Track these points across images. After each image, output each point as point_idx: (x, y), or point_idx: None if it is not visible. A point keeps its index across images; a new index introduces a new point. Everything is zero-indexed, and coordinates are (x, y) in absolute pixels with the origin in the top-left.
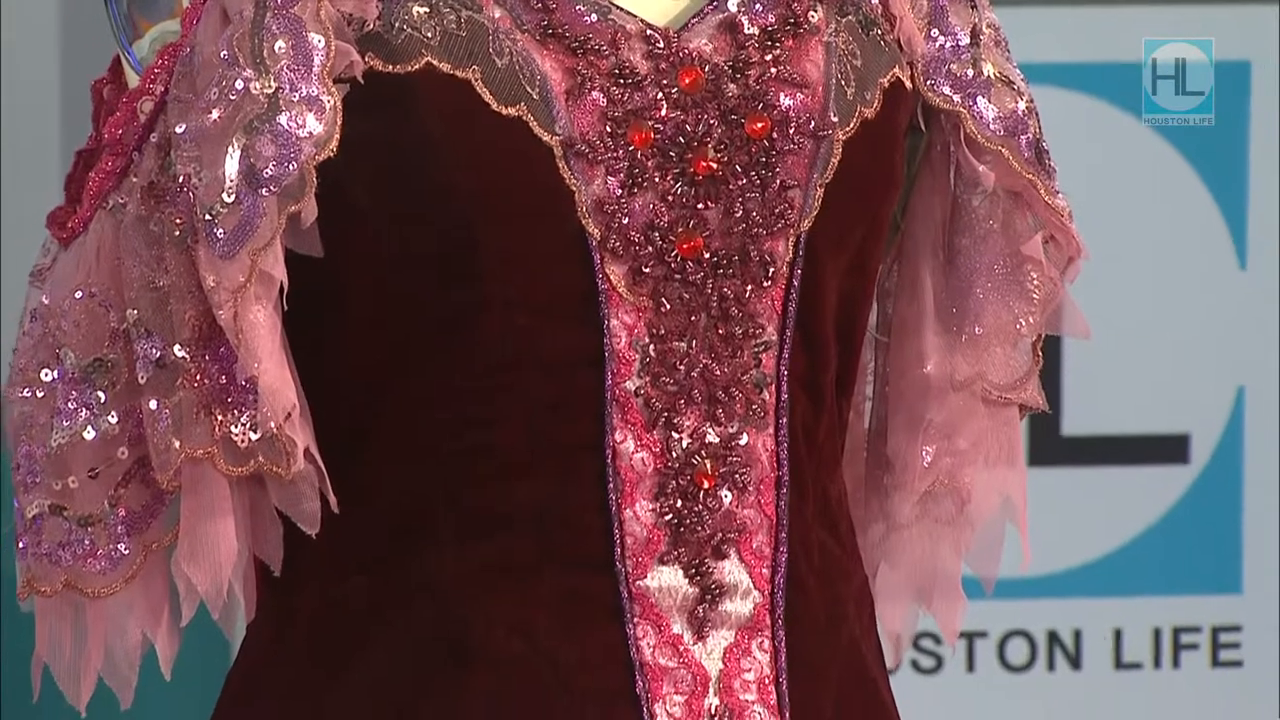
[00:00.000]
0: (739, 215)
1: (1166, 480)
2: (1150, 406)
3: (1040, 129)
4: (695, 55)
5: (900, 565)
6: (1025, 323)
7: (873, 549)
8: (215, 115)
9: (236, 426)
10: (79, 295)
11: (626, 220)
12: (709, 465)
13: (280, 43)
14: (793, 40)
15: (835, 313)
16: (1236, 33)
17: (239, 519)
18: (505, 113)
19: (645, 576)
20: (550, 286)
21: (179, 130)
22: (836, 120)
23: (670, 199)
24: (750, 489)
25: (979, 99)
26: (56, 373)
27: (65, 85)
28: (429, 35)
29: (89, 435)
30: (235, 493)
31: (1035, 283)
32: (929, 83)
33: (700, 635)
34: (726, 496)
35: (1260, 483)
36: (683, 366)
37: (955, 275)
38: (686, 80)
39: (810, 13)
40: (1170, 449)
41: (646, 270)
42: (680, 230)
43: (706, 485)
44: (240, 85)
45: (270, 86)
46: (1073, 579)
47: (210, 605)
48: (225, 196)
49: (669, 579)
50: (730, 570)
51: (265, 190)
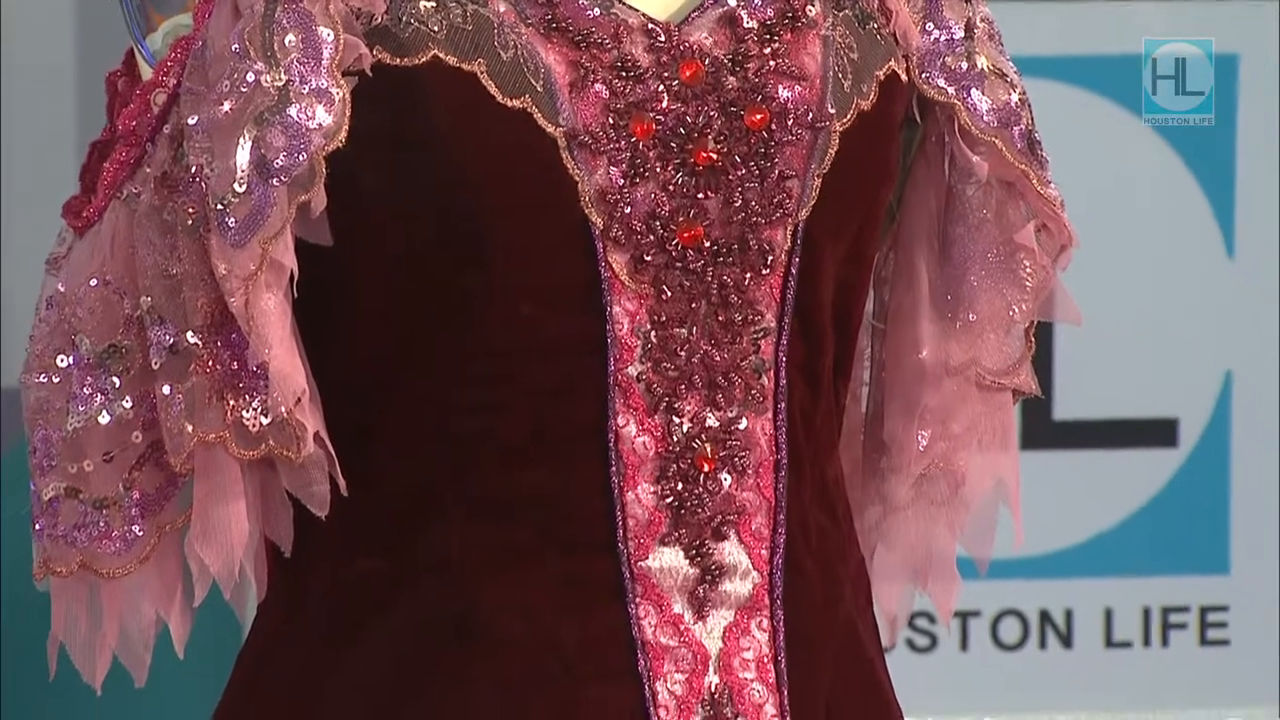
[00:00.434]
0: (738, 205)
1: (1156, 463)
2: (1140, 392)
3: (1033, 120)
4: (695, 48)
5: (896, 546)
6: (1018, 309)
7: (869, 531)
8: (227, 107)
9: (248, 411)
10: (94, 283)
11: (629, 210)
12: (709, 449)
13: (290, 36)
14: (791, 34)
15: (832, 300)
16: (1225, 26)
17: (250, 501)
18: (510, 105)
19: (647, 558)
20: (554, 274)
21: (191, 122)
22: (834, 112)
23: (671, 189)
24: (749, 472)
25: (973, 91)
26: (72, 359)
27: (80, 78)
28: (435, 29)
29: (104, 420)
30: (247, 476)
31: (1028, 270)
32: (924, 75)
33: (700, 615)
34: (726, 479)
35: (1247, 466)
36: (683, 352)
37: (950, 263)
38: (687, 73)
39: (808, 7)
40: (1159, 433)
41: (648, 259)
42: (681, 219)
43: (707, 468)
44: (251, 78)
45: (280, 79)
46: (1064, 560)
47: (222, 585)
48: (237, 186)
49: (670, 560)
50: (730, 551)
51: (276, 180)
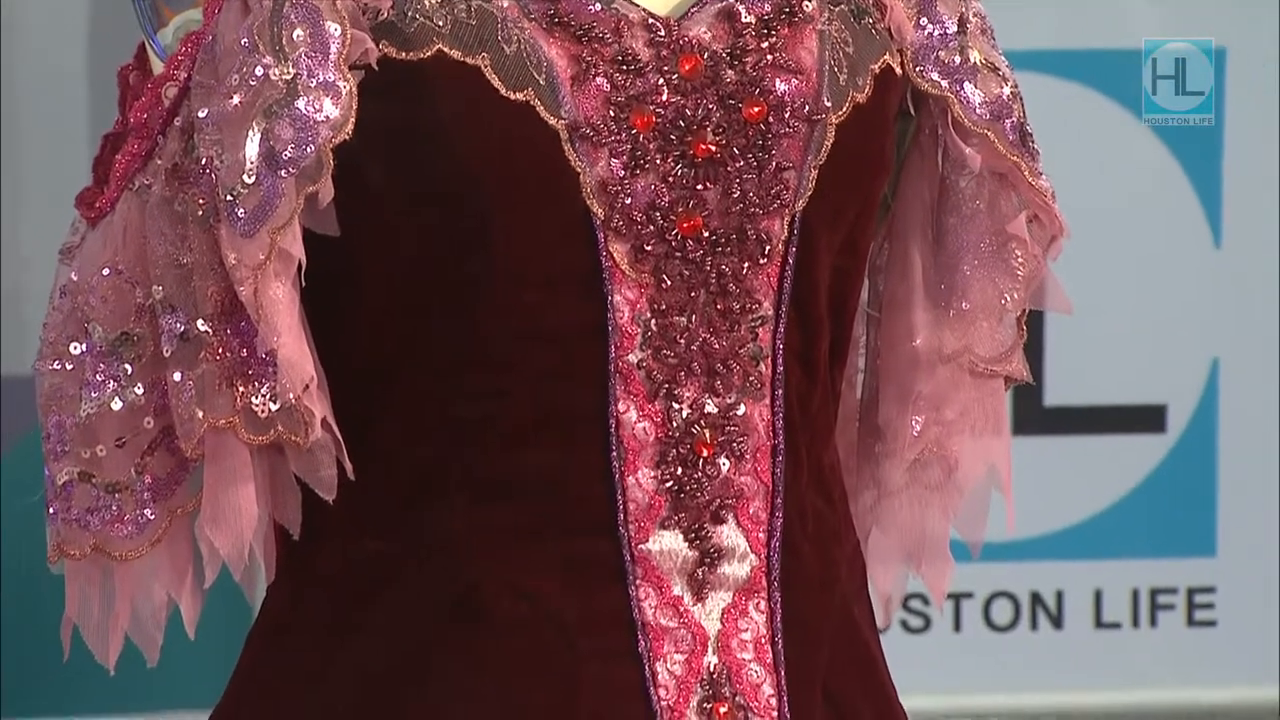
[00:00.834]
0: (736, 196)
1: (1144, 448)
2: (1129, 378)
3: (1024, 113)
4: (695, 43)
5: (891, 530)
6: (1010, 298)
7: (864, 514)
8: (236, 100)
9: (257, 397)
10: (106, 272)
11: (629, 200)
12: (708, 434)
13: (298, 31)
14: (788, 28)
15: (828, 289)
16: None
17: (259, 485)
18: (513, 98)
19: (647, 540)
20: (556, 263)
21: (201, 115)
22: (829, 105)
23: (671, 180)
24: (747, 457)
25: (966, 84)
26: (85, 346)
27: (93, 72)
28: (440, 24)
29: (116, 406)
30: (256, 460)
31: (1020, 260)
32: (918, 69)
33: (699, 596)
34: (724, 464)
35: (1234, 451)
36: (683, 340)
37: (943, 253)
38: (686, 67)
39: (805, 2)
40: (1148, 419)
41: (648, 248)
42: (680, 210)
43: (705, 453)
44: (260, 72)
45: (289, 73)
46: (1055, 542)
47: (232, 568)
48: (246, 178)
49: (670, 543)
50: (728, 534)
51: (284, 172)
